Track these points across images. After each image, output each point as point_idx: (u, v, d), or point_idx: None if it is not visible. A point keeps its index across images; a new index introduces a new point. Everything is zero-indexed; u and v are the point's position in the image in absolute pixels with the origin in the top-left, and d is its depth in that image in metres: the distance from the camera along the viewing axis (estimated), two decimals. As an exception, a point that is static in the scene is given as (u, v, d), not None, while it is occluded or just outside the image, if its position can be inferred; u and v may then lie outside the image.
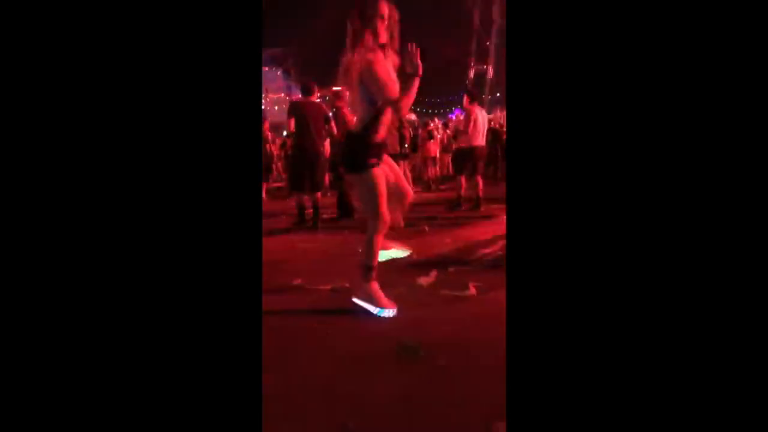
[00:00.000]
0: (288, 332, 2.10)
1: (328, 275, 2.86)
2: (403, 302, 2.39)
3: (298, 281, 2.83)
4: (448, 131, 10.14)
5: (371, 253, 2.26)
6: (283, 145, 9.30)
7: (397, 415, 1.42)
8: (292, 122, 4.62)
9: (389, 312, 2.26)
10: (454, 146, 7.00)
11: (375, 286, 2.29)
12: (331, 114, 4.97)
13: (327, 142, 4.75)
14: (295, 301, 2.50)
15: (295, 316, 2.30)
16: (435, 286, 2.70)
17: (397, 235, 2.68)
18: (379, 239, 2.27)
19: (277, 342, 1.99)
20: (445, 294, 2.56)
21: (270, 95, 21.92)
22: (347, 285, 2.62)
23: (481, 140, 5.61)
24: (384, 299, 2.28)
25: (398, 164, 5.00)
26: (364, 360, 1.79)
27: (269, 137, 8.48)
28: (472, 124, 5.49)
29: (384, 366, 1.74)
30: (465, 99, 5.65)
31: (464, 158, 5.71)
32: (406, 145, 7.81)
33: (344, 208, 5.24)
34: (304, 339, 2.02)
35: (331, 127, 4.73)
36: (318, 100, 5.06)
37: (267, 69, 21.87)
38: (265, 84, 22.54)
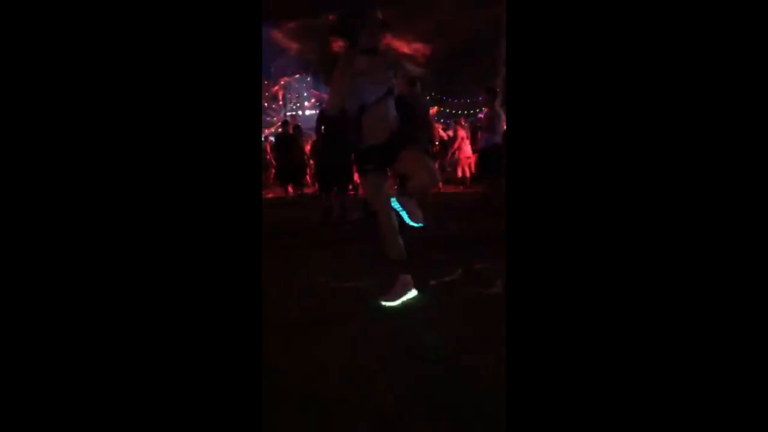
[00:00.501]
0: (311, 328, 2.11)
1: (352, 273, 2.87)
2: (428, 300, 2.36)
3: (322, 279, 2.84)
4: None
5: (389, 246, 2.34)
6: (312, 150, 9.39)
7: (416, 413, 1.40)
8: (322, 128, 4.75)
9: (412, 293, 2.36)
10: (476, 147, 6.85)
11: (403, 279, 2.35)
12: None
13: None
14: (320, 299, 2.51)
15: (318, 313, 2.32)
16: (461, 284, 2.67)
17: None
18: (391, 231, 2.31)
19: (300, 337, 2.00)
20: (470, 291, 2.52)
21: (306, 102, 22.35)
22: (372, 283, 2.62)
23: (500, 139, 5.47)
24: (405, 285, 2.35)
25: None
26: (386, 356, 1.78)
27: (300, 142, 8.58)
28: (493, 123, 5.39)
29: (406, 363, 1.72)
30: (485, 98, 5.55)
31: (487, 158, 5.60)
32: (437, 143, 7.59)
33: (368, 210, 5.25)
34: (327, 334, 2.02)
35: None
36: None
37: (298, 75, 22.27)
38: (298, 90, 22.94)
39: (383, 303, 2.32)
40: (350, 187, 5.89)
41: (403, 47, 2.37)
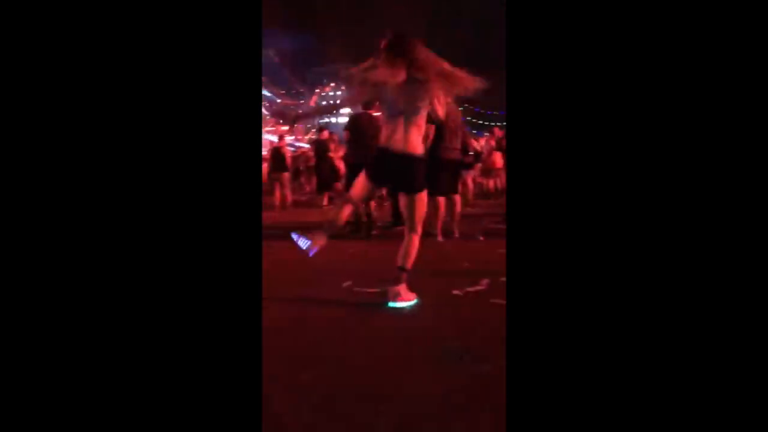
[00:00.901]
0: (333, 331, 2.12)
1: (377, 279, 2.87)
2: (453, 308, 2.34)
3: (347, 284, 2.85)
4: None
5: (407, 258, 2.44)
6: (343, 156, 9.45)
7: (434, 418, 1.38)
8: (348, 134, 4.77)
9: (411, 302, 2.41)
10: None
11: (404, 285, 2.43)
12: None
13: None
14: (343, 302, 2.52)
15: (341, 317, 2.32)
16: (486, 294, 2.63)
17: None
18: (415, 248, 2.44)
19: (322, 341, 2.01)
20: (495, 302, 2.48)
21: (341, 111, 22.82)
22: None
23: None
24: (407, 293, 2.42)
25: (460, 174, 4.91)
26: (406, 362, 1.77)
27: (332, 148, 8.65)
28: None
29: (426, 369, 1.70)
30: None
31: None
32: (471, 153, 7.48)
33: (398, 217, 5.24)
34: (348, 338, 2.03)
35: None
36: (377, 114, 5.13)
37: (334, 84, 22.69)
38: (333, 99, 23.35)
39: (391, 305, 2.42)
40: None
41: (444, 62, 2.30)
